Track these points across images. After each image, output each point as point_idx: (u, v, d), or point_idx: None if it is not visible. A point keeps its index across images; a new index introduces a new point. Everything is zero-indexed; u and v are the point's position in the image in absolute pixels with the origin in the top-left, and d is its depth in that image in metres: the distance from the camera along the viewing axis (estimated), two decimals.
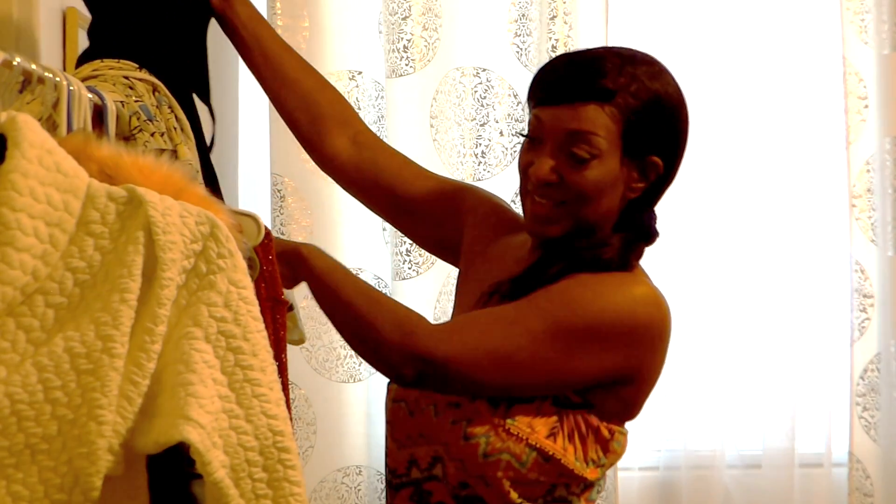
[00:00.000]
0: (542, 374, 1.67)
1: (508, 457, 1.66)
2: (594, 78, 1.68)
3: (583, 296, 1.68)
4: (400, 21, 2.90)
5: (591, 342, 1.67)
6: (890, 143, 2.97)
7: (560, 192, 1.71)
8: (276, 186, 2.87)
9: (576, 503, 1.72)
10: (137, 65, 1.77)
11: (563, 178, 1.70)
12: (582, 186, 1.70)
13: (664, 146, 1.74)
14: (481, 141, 2.92)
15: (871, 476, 2.97)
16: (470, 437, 1.67)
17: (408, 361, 1.65)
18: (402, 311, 1.71)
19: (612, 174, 1.70)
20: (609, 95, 1.68)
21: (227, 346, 1.23)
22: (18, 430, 1.16)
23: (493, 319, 1.69)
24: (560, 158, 1.70)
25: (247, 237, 1.51)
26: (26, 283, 1.19)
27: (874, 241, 2.97)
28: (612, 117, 1.68)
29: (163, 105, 1.76)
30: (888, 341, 2.98)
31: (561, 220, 1.73)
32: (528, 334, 1.66)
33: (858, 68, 2.96)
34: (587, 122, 1.68)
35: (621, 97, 1.68)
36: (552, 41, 2.92)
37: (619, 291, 1.70)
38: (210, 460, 1.18)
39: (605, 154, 1.69)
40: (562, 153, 1.70)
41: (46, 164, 1.21)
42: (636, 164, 1.72)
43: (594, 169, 1.69)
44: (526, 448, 1.66)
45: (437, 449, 1.71)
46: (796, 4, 3.01)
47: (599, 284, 1.70)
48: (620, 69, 1.69)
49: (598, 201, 1.71)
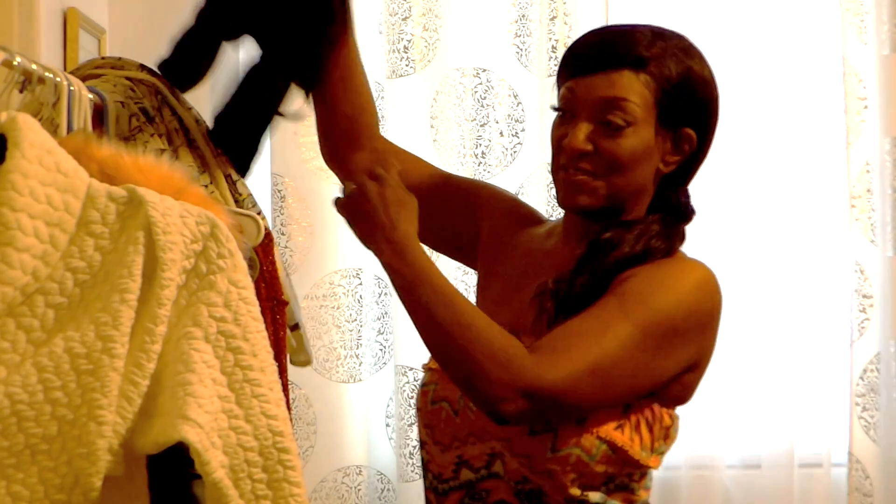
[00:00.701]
0: (636, 381, 1.63)
1: (579, 450, 1.61)
2: (627, 46, 1.67)
3: (654, 293, 1.64)
4: (400, 21, 2.90)
5: (673, 338, 1.64)
6: (889, 144, 2.97)
7: (594, 162, 1.68)
8: (276, 186, 2.87)
9: (635, 489, 1.68)
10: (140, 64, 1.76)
11: (597, 147, 1.67)
12: (617, 155, 1.67)
13: (697, 118, 1.71)
14: (481, 141, 2.92)
15: (870, 476, 2.98)
16: (538, 432, 1.62)
17: (514, 397, 1.56)
18: (498, 340, 1.59)
19: (647, 144, 1.68)
20: (643, 63, 1.66)
21: (227, 347, 1.24)
22: (18, 430, 1.16)
23: (584, 335, 1.61)
24: (594, 127, 1.67)
25: (247, 237, 1.51)
26: (26, 283, 1.19)
27: (874, 242, 2.98)
28: (647, 85, 1.66)
29: (164, 107, 1.76)
30: (888, 341, 2.98)
31: (595, 190, 1.69)
32: (619, 344, 1.60)
33: (858, 69, 2.96)
34: (622, 88, 1.66)
35: (655, 66, 1.66)
36: (552, 41, 2.92)
37: (684, 280, 1.67)
38: (209, 460, 1.18)
39: (639, 122, 1.66)
40: (596, 122, 1.67)
41: (47, 165, 1.21)
42: (670, 136, 1.69)
43: (629, 137, 1.67)
44: (596, 441, 1.62)
45: (493, 446, 1.66)
46: (796, 5, 3.01)
47: (665, 277, 1.67)
48: (652, 40, 1.68)
49: (632, 171, 1.68)
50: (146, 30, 2.90)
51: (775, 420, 3.00)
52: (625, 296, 1.64)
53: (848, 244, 2.98)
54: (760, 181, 3.02)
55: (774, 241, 3.00)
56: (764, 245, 3.02)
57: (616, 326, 1.61)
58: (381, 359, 2.95)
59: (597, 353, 1.59)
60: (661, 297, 1.64)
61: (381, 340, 2.95)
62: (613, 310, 1.62)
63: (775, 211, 3.00)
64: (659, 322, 1.63)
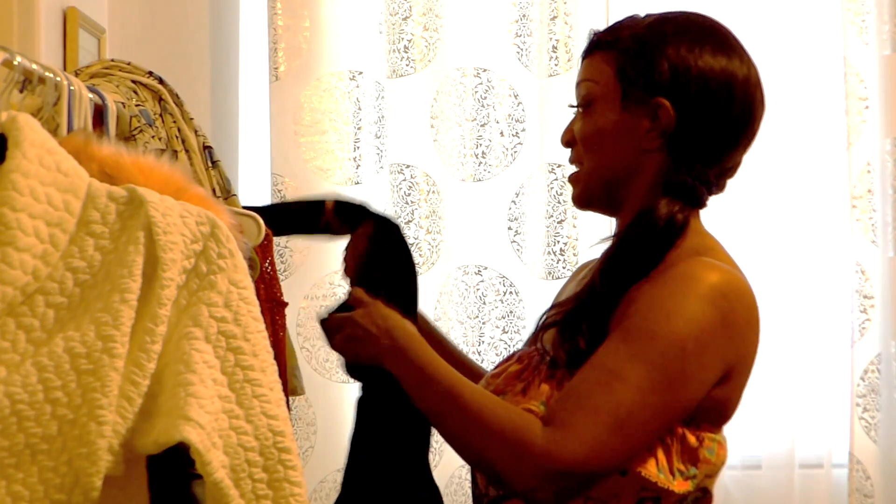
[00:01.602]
0: (663, 421, 1.53)
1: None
2: (602, 32, 1.69)
3: (657, 321, 1.53)
4: (400, 21, 2.90)
5: (686, 364, 1.53)
6: (890, 144, 2.96)
7: (576, 152, 1.70)
8: (276, 186, 2.87)
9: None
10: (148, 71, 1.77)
11: (572, 134, 1.70)
12: (583, 134, 1.67)
13: (667, 84, 1.62)
14: (481, 141, 2.92)
15: (871, 477, 2.97)
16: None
17: (543, 485, 1.51)
18: (509, 428, 1.52)
19: (612, 121, 1.64)
20: (609, 44, 1.66)
21: (228, 347, 1.23)
22: (18, 430, 1.16)
23: (593, 392, 1.52)
24: (576, 116, 1.70)
25: (247, 237, 1.51)
26: (27, 283, 1.19)
27: (875, 242, 2.97)
28: (606, 62, 1.66)
29: (165, 114, 1.76)
30: (888, 342, 2.98)
31: (579, 179, 1.69)
32: (632, 391, 1.51)
33: (859, 69, 2.96)
34: (585, 70, 1.68)
35: (622, 43, 1.65)
36: (552, 41, 2.92)
37: (689, 295, 1.55)
38: (210, 460, 1.18)
39: (599, 98, 1.65)
40: (577, 111, 1.71)
41: (47, 164, 1.21)
42: (643, 110, 1.64)
43: (590, 115, 1.66)
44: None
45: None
46: (796, 5, 3.01)
47: (666, 298, 1.55)
48: (630, 21, 1.68)
49: (601, 151, 1.65)
50: (146, 30, 2.90)
51: (776, 420, 3.00)
52: (628, 333, 1.55)
53: (849, 244, 2.98)
54: (761, 181, 3.02)
55: (775, 241, 3.00)
56: (764, 245, 3.02)
57: (624, 372, 1.51)
58: None
59: (610, 408, 1.50)
60: (665, 325, 1.53)
61: None
62: (618, 354, 1.53)
63: (776, 211, 3.00)
64: (667, 352, 1.52)
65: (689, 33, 1.66)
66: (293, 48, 2.86)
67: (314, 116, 2.86)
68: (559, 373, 1.62)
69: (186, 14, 2.95)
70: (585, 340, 1.59)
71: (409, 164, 2.89)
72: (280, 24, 2.84)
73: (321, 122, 2.86)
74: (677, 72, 1.63)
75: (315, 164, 2.87)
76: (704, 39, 1.65)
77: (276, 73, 2.85)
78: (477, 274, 2.92)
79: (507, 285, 2.91)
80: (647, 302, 1.56)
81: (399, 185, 2.89)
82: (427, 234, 2.89)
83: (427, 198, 2.89)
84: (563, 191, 2.90)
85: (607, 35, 1.67)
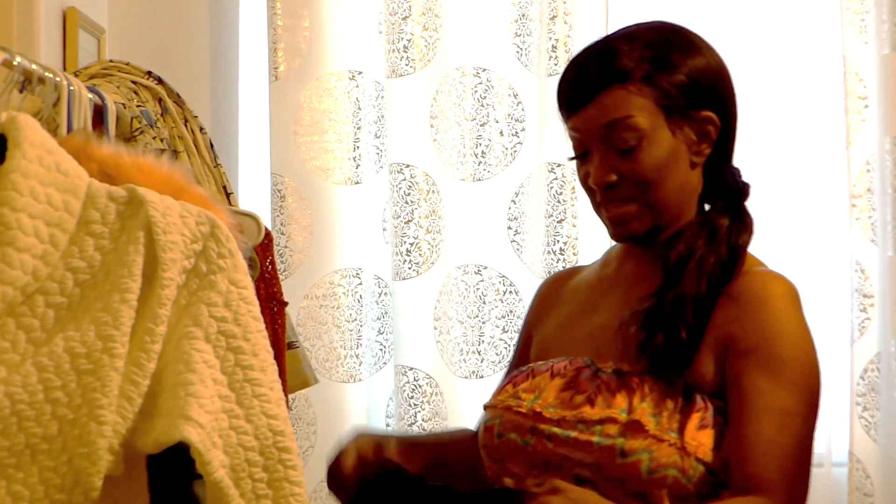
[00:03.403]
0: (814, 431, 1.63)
1: (675, 472, 1.56)
2: (605, 64, 1.63)
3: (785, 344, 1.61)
4: (400, 21, 2.90)
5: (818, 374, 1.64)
6: (890, 143, 2.96)
7: (625, 188, 1.64)
8: (276, 186, 2.87)
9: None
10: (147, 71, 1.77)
11: (620, 173, 1.64)
12: (641, 173, 1.63)
13: (707, 95, 1.66)
14: (481, 141, 2.92)
15: (871, 476, 2.97)
16: (628, 454, 1.56)
17: None
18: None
19: (668, 147, 1.63)
20: (626, 74, 1.62)
21: (228, 346, 1.24)
22: (19, 430, 1.17)
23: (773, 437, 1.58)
24: (609, 155, 1.64)
25: (247, 237, 1.51)
26: (27, 283, 1.19)
27: (874, 241, 2.97)
28: (640, 92, 1.62)
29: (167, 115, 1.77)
30: (888, 341, 2.98)
31: (640, 215, 1.66)
32: (801, 419, 1.60)
33: (858, 68, 2.96)
34: (617, 108, 1.62)
35: (639, 69, 1.62)
36: (552, 41, 2.92)
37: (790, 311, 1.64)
38: (210, 460, 1.18)
39: (649, 131, 1.63)
40: (609, 150, 1.63)
41: (47, 165, 1.21)
42: (690, 127, 1.65)
43: (645, 150, 1.63)
44: (694, 462, 1.56)
45: (578, 472, 1.59)
46: (796, 4, 3.01)
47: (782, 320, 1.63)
48: (627, 46, 1.64)
49: (665, 180, 1.64)
50: (146, 30, 2.90)
51: None
52: (769, 368, 1.60)
53: (848, 243, 2.98)
54: (761, 180, 3.01)
55: (775, 240, 3.00)
56: (764, 244, 3.01)
57: (788, 407, 1.59)
58: (381, 359, 2.95)
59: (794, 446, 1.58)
60: (795, 348, 1.62)
61: (381, 340, 2.95)
62: (774, 391, 1.59)
63: (776, 210, 3.00)
64: (808, 373, 1.62)
65: (689, 35, 1.69)
66: (293, 48, 2.86)
67: (314, 116, 2.86)
68: (632, 380, 1.61)
69: (186, 14, 2.95)
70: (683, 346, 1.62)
71: (409, 163, 2.89)
72: (280, 24, 2.84)
73: (321, 122, 2.87)
74: (714, 81, 1.68)
75: (315, 163, 2.87)
76: (689, 42, 1.69)
77: (275, 72, 2.85)
78: (477, 273, 2.92)
79: (507, 285, 2.91)
80: (764, 332, 1.62)
81: (399, 184, 2.89)
82: (427, 233, 2.89)
83: (427, 197, 2.89)
84: (562, 190, 2.90)
85: (611, 66, 1.63)
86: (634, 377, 1.61)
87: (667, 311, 1.62)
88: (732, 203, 1.69)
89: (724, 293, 1.65)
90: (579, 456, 1.59)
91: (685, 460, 1.56)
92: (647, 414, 1.58)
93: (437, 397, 2.90)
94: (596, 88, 1.63)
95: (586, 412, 1.60)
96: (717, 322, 1.63)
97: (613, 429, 1.57)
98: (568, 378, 1.66)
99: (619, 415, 1.58)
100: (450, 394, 2.90)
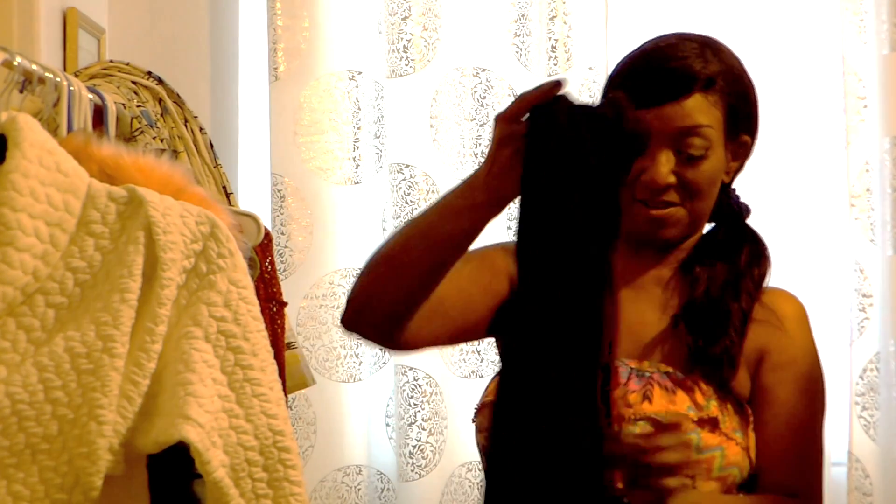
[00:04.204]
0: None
1: (737, 471, 1.64)
2: (693, 69, 1.62)
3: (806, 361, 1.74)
4: (400, 21, 2.90)
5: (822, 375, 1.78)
6: (889, 143, 2.96)
7: (675, 192, 1.64)
8: (276, 186, 2.87)
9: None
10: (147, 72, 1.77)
11: (680, 177, 1.63)
12: (700, 182, 1.64)
13: (751, 123, 1.71)
14: (481, 141, 2.92)
15: (870, 475, 2.97)
16: (704, 451, 1.60)
17: None
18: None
19: (721, 162, 1.66)
20: (711, 83, 1.62)
21: (227, 346, 1.24)
22: (19, 429, 1.17)
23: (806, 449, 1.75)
24: (674, 158, 1.63)
25: (247, 237, 1.51)
26: (27, 283, 1.19)
27: (873, 241, 2.97)
28: (716, 104, 1.63)
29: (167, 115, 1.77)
30: (887, 341, 2.98)
31: (679, 220, 1.66)
32: (820, 431, 1.77)
33: (857, 68, 2.96)
34: (696, 115, 1.61)
35: (721, 82, 1.63)
36: (552, 41, 2.92)
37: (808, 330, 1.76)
38: (209, 460, 1.18)
39: (716, 144, 1.64)
40: (674, 152, 1.62)
41: (47, 165, 1.21)
42: (732, 147, 1.68)
43: (709, 161, 1.64)
44: (746, 460, 1.66)
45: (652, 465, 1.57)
46: (796, 5, 3.01)
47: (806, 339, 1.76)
48: (710, 55, 1.65)
49: (711, 194, 1.67)
50: (146, 30, 2.90)
51: None
52: (797, 384, 1.72)
53: (847, 243, 2.98)
54: (760, 180, 3.01)
55: (774, 240, 2.99)
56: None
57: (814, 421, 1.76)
58: (381, 358, 2.95)
59: (819, 455, 1.78)
60: (815, 365, 1.75)
61: None
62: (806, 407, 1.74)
63: (774, 210, 3.00)
64: (822, 388, 1.77)
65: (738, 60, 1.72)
66: (293, 48, 2.86)
67: (314, 116, 2.86)
68: (688, 381, 1.65)
69: (186, 14, 2.95)
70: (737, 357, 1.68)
71: (409, 163, 2.89)
72: (279, 25, 2.84)
73: (321, 122, 2.87)
74: (756, 112, 1.73)
75: (314, 163, 2.87)
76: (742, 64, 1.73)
77: (275, 73, 2.85)
78: None
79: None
80: (796, 349, 1.73)
81: (399, 184, 2.89)
82: None
83: (427, 197, 2.89)
84: None
85: (699, 72, 1.62)
86: (687, 379, 1.65)
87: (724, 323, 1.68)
88: (736, 222, 1.76)
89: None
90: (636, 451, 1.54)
91: (744, 459, 1.64)
92: (718, 412, 1.62)
93: (436, 397, 2.90)
94: (682, 90, 1.62)
95: (646, 409, 1.60)
96: (750, 335, 1.69)
97: (690, 425, 1.60)
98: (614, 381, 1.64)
99: (689, 412, 1.61)
100: (449, 394, 2.90)
